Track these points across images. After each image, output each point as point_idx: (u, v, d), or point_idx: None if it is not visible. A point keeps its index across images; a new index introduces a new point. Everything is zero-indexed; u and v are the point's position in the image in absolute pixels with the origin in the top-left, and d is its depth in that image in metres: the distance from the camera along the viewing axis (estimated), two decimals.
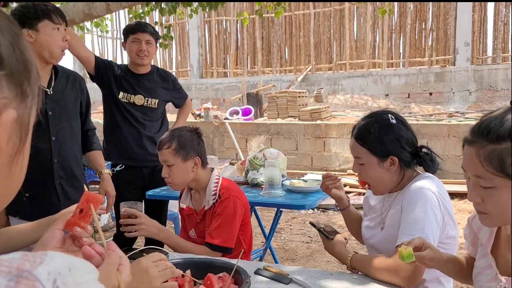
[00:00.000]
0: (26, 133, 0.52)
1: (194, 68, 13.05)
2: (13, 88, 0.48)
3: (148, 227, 1.88)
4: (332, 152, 7.35)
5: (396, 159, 1.59)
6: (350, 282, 1.48)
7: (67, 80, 2.27)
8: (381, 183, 1.64)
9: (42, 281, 0.43)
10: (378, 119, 1.63)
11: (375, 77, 10.61)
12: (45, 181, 2.15)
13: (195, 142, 2.04)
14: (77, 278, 0.48)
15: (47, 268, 0.44)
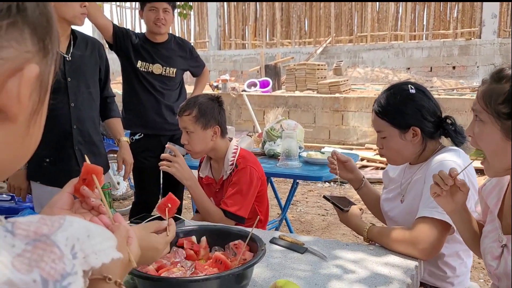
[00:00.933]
0: (45, 93, 0.50)
1: (212, 39, 12.93)
2: (35, 42, 0.46)
3: (182, 168, 1.94)
4: (350, 126, 7.27)
5: (418, 130, 1.55)
6: (366, 253, 1.47)
7: (86, 46, 2.26)
8: (402, 155, 1.61)
9: (61, 247, 0.42)
10: (397, 90, 1.60)
11: (397, 50, 10.37)
12: (64, 146, 2.17)
13: (215, 110, 2.02)
14: (95, 245, 0.47)
15: (65, 233, 0.44)
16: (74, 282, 0.42)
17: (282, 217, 3.05)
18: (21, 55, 0.45)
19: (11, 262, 0.38)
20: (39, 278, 0.39)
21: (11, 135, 0.47)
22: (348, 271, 1.35)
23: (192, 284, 1.07)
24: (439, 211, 1.39)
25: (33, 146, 0.53)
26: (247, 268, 1.12)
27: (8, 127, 0.46)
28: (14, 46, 0.44)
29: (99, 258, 0.47)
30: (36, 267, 0.40)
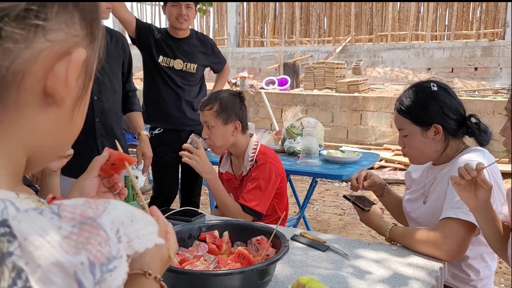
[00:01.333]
0: (90, 79, 0.50)
1: (231, 36, 12.94)
2: (84, 27, 0.46)
3: (202, 161, 1.94)
4: (369, 125, 7.21)
5: (440, 128, 1.52)
6: (389, 253, 1.45)
7: (110, 40, 2.28)
8: (424, 154, 1.58)
9: (106, 230, 0.42)
10: (419, 88, 1.58)
11: (417, 50, 10.23)
12: (87, 139, 2.20)
13: (237, 106, 2.02)
14: (139, 229, 0.47)
15: (110, 217, 0.43)
16: (119, 266, 0.42)
17: (300, 215, 3.04)
18: (70, 38, 0.45)
19: (59, 243, 0.38)
20: (86, 261, 0.39)
21: (56, 120, 0.48)
22: (370, 270, 1.34)
23: (216, 278, 1.07)
24: (464, 211, 1.37)
25: (75, 133, 0.53)
26: (271, 264, 1.12)
27: (54, 112, 0.47)
28: (64, 29, 0.44)
29: (143, 243, 0.47)
30: (83, 249, 0.39)
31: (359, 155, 2.74)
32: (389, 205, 1.86)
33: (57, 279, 0.37)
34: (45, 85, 0.45)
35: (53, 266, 0.38)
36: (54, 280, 0.37)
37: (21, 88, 0.43)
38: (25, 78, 0.43)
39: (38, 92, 0.45)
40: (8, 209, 0.40)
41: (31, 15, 0.41)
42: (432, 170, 1.64)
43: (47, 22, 0.43)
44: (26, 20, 0.41)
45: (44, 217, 0.40)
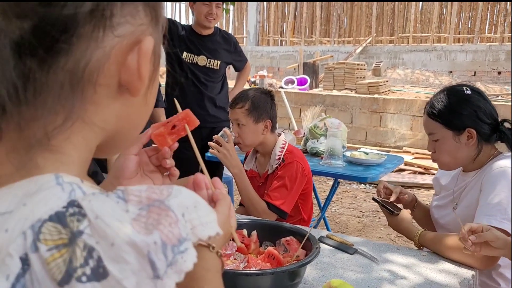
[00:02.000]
0: (159, 59, 0.49)
1: (251, 35, 12.93)
2: (148, 13, 0.46)
3: (231, 156, 1.90)
4: (388, 128, 7.13)
5: (474, 132, 1.48)
6: (418, 259, 1.43)
7: None
8: (455, 159, 1.54)
9: (176, 212, 0.41)
10: (452, 92, 1.54)
11: (439, 53, 10.08)
12: None
13: (268, 104, 2.01)
14: (202, 216, 0.45)
15: (177, 200, 0.42)
16: (190, 248, 0.41)
17: (321, 216, 3.01)
18: (137, 28, 0.45)
19: (130, 223, 0.38)
20: (159, 241, 0.38)
21: (131, 105, 0.48)
22: (400, 276, 1.31)
23: (247, 278, 1.06)
24: (498, 219, 1.34)
25: (148, 113, 0.53)
26: (302, 265, 1.11)
27: (128, 99, 0.47)
28: (130, 21, 0.44)
29: (206, 230, 0.45)
30: (155, 229, 0.38)
31: (382, 157, 2.70)
32: (419, 217, 1.82)
33: (130, 259, 0.36)
34: (119, 78, 0.45)
35: (127, 245, 0.37)
36: (128, 260, 0.36)
37: (97, 85, 0.43)
38: (100, 76, 0.43)
39: (113, 86, 0.45)
40: (75, 192, 0.40)
41: (98, 15, 0.41)
42: (462, 176, 1.60)
43: (114, 18, 0.42)
44: (94, 21, 0.41)
45: (111, 200, 0.39)
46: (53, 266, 0.35)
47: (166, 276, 0.38)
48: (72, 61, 0.41)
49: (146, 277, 0.37)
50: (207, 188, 0.62)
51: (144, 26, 0.45)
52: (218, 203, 0.60)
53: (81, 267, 0.35)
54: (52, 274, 0.35)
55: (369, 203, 4.70)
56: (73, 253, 0.36)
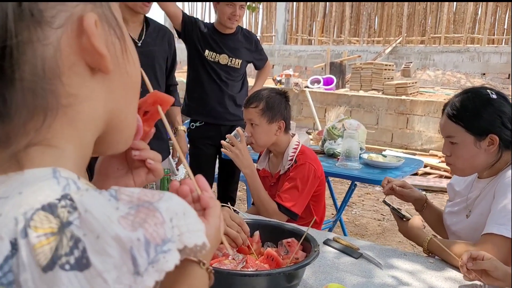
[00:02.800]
0: (120, 29, 0.50)
1: (279, 33, 12.90)
2: None
3: (242, 155, 1.91)
4: (415, 130, 6.98)
5: (496, 138, 1.41)
6: (425, 266, 1.39)
7: (157, 35, 2.33)
8: (473, 165, 1.48)
9: (163, 214, 0.42)
10: (476, 94, 1.46)
11: (472, 54, 9.79)
12: None
13: (282, 105, 2.00)
14: (190, 224, 0.46)
15: (166, 204, 0.43)
16: (173, 250, 0.42)
17: (336, 218, 2.98)
18: (74, 12, 0.45)
19: (117, 220, 0.39)
20: (143, 238, 0.39)
21: (111, 81, 0.49)
22: (404, 282, 1.28)
23: (242, 278, 1.06)
24: (508, 228, 1.29)
25: (135, 85, 0.53)
26: (299, 268, 1.10)
27: (105, 77, 0.48)
28: (62, 9, 0.44)
29: (192, 238, 0.46)
30: (140, 227, 0.40)
31: (401, 160, 2.65)
32: (429, 219, 1.78)
33: (113, 252, 0.38)
34: (85, 63, 0.46)
35: (111, 239, 0.38)
36: (111, 253, 0.38)
37: (64, 78, 0.44)
38: (63, 69, 0.44)
39: (83, 72, 0.46)
40: (70, 186, 0.41)
41: (27, 17, 0.41)
42: (477, 183, 1.55)
43: (45, 13, 0.42)
44: (26, 25, 0.41)
45: (103, 197, 0.41)
46: (40, 252, 0.36)
47: (146, 274, 0.39)
48: (29, 69, 0.42)
49: (127, 272, 0.38)
50: (191, 191, 0.61)
51: (80, 6, 0.45)
52: (208, 212, 0.60)
53: (65, 256, 0.37)
54: (38, 259, 0.36)
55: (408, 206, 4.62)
56: (60, 242, 0.37)
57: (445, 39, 10.70)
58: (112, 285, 0.37)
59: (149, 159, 0.67)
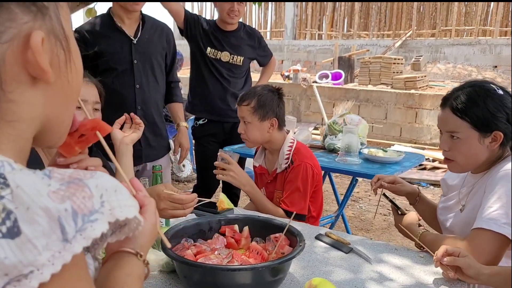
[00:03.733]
0: (67, 40, 0.54)
1: (288, 28, 12.85)
2: (27, 11, 0.49)
3: (237, 175, 1.91)
4: (424, 124, 6.93)
5: (501, 135, 1.38)
6: (414, 261, 1.40)
7: (154, 31, 2.35)
8: (475, 161, 1.44)
9: (91, 189, 0.47)
10: (482, 90, 1.41)
11: (484, 46, 9.65)
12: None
13: (274, 103, 2.00)
14: (121, 200, 0.51)
15: (96, 181, 0.48)
16: (100, 219, 0.46)
17: (338, 213, 2.98)
18: (22, 29, 0.48)
19: (47, 193, 0.44)
20: (70, 209, 0.44)
21: (52, 90, 0.53)
22: (391, 277, 1.29)
23: (226, 273, 1.08)
24: (498, 223, 1.29)
25: (75, 92, 0.57)
26: (282, 262, 1.11)
27: (47, 86, 0.52)
28: (11, 25, 0.48)
29: (124, 212, 0.51)
30: (68, 199, 0.44)
31: (401, 155, 2.64)
32: (423, 213, 1.78)
33: (42, 221, 0.42)
34: (28, 73, 0.50)
35: (40, 210, 0.42)
36: (40, 222, 0.42)
37: (5, 86, 0.49)
38: (5, 78, 0.48)
39: (25, 81, 0.50)
40: (5, 167, 0.45)
41: None
42: (470, 177, 1.54)
43: None
44: None
45: (36, 176, 0.45)
46: None
47: (74, 240, 0.44)
48: None
49: (56, 240, 0.43)
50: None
51: (29, 23, 0.49)
52: (144, 210, 0.65)
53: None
54: None
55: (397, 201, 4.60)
56: None
57: (456, 32, 10.56)
58: (41, 251, 0.41)
59: (89, 166, 0.73)
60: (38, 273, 0.41)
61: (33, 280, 0.41)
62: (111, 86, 2.26)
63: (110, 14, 2.30)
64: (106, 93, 2.28)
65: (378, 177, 1.75)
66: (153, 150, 2.41)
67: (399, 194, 1.76)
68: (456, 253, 1.20)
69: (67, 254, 0.43)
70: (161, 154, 2.46)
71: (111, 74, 2.25)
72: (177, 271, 1.19)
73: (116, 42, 2.25)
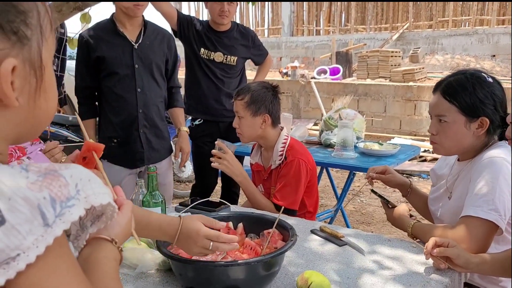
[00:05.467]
0: (41, 70, 0.57)
1: (285, 25, 12.86)
2: (6, 39, 0.52)
3: (231, 165, 1.98)
4: (423, 116, 6.94)
5: (487, 121, 1.42)
6: (407, 250, 1.43)
7: (155, 37, 2.40)
8: (460, 146, 1.48)
9: (67, 178, 0.52)
10: (473, 76, 1.45)
11: (481, 36, 9.64)
12: (130, 129, 2.36)
13: (268, 99, 2.03)
14: (95, 188, 0.56)
15: (70, 171, 0.53)
16: (77, 205, 0.52)
17: (337, 208, 3.01)
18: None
19: (26, 185, 0.49)
20: (48, 197, 0.49)
21: (17, 114, 0.56)
22: (384, 267, 1.32)
23: (218, 269, 1.11)
24: (485, 210, 1.31)
25: (45, 116, 0.61)
26: (274, 256, 1.14)
27: (11, 110, 0.55)
28: None
29: (98, 198, 0.56)
30: (46, 188, 0.50)
31: (396, 147, 2.66)
32: (416, 204, 1.81)
33: (24, 209, 0.47)
34: None
35: (20, 199, 0.48)
36: (22, 210, 0.47)
37: None
38: None
39: None
40: None
41: None
42: (456, 165, 1.57)
43: None
44: None
45: (14, 170, 0.50)
46: None
47: (55, 225, 0.49)
48: None
49: (38, 225, 0.48)
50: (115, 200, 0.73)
51: (5, 51, 0.52)
52: (122, 207, 0.73)
53: None
54: None
55: (398, 193, 4.60)
56: None
57: (453, 22, 10.54)
58: (26, 236, 0.47)
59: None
60: (24, 255, 0.46)
61: (21, 262, 0.46)
62: (113, 90, 2.33)
63: (113, 19, 2.35)
64: (109, 97, 2.35)
65: (370, 169, 1.79)
66: (155, 152, 2.46)
67: (391, 185, 1.79)
68: (446, 244, 1.24)
69: (49, 237, 0.48)
70: (163, 156, 2.51)
71: (113, 78, 2.31)
72: (172, 269, 1.22)
73: (117, 47, 2.31)
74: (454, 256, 1.23)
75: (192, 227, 1.07)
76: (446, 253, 1.23)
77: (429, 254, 1.25)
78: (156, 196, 1.52)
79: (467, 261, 1.24)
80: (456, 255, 1.23)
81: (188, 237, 1.07)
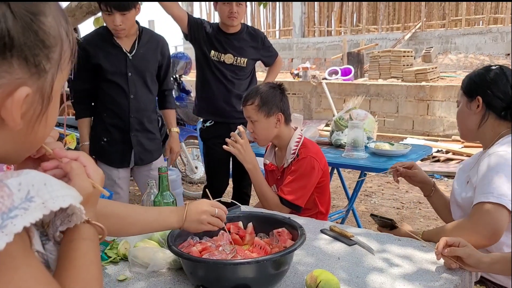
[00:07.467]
0: (49, 99, 0.59)
1: (296, 27, 12.86)
2: (27, 70, 0.54)
3: (245, 152, 2.03)
4: (436, 116, 6.88)
5: (480, 100, 1.54)
6: (417, 249, 1.43)
7: (150, 45, 2.49)
8: (464, 126, 1.63)
9: (11, 188, 0.51)
10: (485, 68, 1.60)
11: (495, 35, 9.53)
12: (122, 132, 2.49)
13: (277, 98, 2.05)
14: (53, 191, 0.54)
15: (19, 179, 0.52)
16: (20, 215, 0.50)
17: (348, 208, 3.00)
18: (13, 81, 0.54)
19: None
20: None
21: (14, 135, 0.58)
22: (393, 265, 1.32)
23: (227, 267, 1.12)
24: (495, 194, 1.35)
25: (38, 140, 0.62)
26: (283, 255, 1.15)
27: (10, 130, 0.56)
28: (6, 76, 0.53)
29: (57, 202, 0.54)
30: None
31: (407, 147, 2.65)
32: (436, 205, 1.83)
33: None
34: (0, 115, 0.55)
35: None
36: None
37: None
38: None
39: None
40: None
41: None
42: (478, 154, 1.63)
43: None
44: None
45: None
46: None
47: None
48: None
49: None
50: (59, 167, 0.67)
51: (21, 80, 0.54)
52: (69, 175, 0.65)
53: None
54: None
55: (411, 194, 4.60)
56: None
57: (467, 21, 10.44)
58: None
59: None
60: None
61: None
62: (108, 94, 2.47)
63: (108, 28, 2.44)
64: (104, 100, 2.49)
65: (397, 163, 1.83)
66: (148, 153, 2.60)
67: (414, 181, 1.80)
68: (456, 243, 1.24)
69: None
70: (155, 156, 2.64)
71: (108, 84, 2.45)
72: (183, 267, 1.24)
73: (112, 56, 2.43)
74: (465, 256, 1.23)
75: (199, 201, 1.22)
76: (457, 252, 1.24)
77: (440, 254, 1.26)
78: (167, 196, 1.54)
79: (478, 260, 1.24)
80: (467, 255, 1.23)
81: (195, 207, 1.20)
